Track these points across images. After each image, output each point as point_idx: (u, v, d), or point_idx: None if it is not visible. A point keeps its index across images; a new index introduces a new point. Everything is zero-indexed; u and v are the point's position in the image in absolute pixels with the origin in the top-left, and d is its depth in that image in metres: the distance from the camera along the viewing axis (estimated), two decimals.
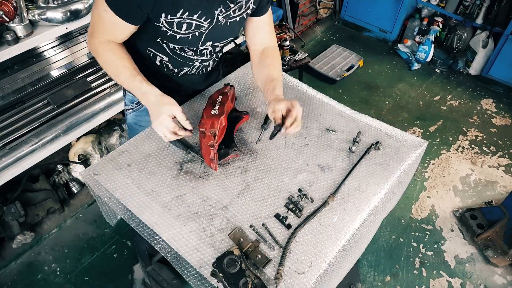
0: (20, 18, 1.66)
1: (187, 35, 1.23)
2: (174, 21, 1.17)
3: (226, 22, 1.27)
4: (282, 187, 1.28)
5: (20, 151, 1.94)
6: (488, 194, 2.75)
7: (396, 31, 4.16)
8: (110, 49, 1.23)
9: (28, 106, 2.08)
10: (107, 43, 1.23)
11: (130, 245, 2.37)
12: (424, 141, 1.44)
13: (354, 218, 1.20)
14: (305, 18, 4.16)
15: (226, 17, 1.25)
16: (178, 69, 1.43)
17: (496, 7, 3.40)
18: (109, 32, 1.21)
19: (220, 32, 1.30)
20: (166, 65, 1.40)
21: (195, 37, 1.26)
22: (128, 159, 1.34)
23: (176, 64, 1.40)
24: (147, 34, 1.26)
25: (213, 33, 1.28)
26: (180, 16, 1.16)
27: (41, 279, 2.21)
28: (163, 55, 1.35)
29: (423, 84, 3.76)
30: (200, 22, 1.20)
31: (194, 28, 1.21)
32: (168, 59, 1.37)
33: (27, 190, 2.31)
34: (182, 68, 1.43)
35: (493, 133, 3.24)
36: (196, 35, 1.25)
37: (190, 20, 1.18)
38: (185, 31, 1.21)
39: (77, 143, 2.49)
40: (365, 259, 2.34)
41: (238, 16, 1.29)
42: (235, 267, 1.03)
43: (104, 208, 1.33)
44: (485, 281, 2.27)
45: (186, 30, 1.21)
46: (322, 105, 1.60)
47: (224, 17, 1.24)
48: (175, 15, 1.15)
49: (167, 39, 1.25)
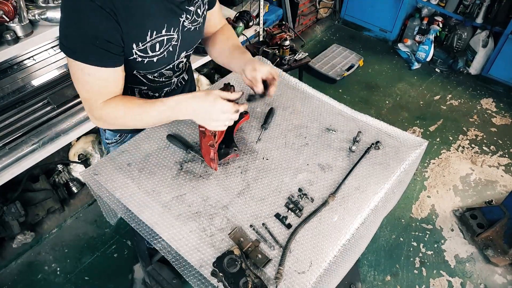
0: (20, 18, 1.65)
1: (163, 54, 1.19)
2: (146, 46, 1.12)
3: (195, 28, 1.25)
4: (282, 187, 1.28)
5: (20, 150, 1.94)
6: (488, 193, 2.75)
7: (396, 31, 4.16)
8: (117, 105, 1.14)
9: (28, 106, 2.09)
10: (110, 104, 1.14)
11: (130, 245, 2.37)
12: (424, 140, 1.44)
13: (354, 217, 1.20)
14: (305, 17, 4.16)
15: (193, 22, 1.23)
16: (159, 93, 1.39)
17: (496, 6, 3.40)
18: (104, 91, 1.12)
19: (190, 39, 1.27)
20: (146, 94, 1.36)
21: (170, 53, 1.22)
22: (128, 159, 1.34)
23: (156, 88, 1.36)
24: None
25: (185, 42, 1.25)
26: (150, 39, 1.11)
27: (41, 279, 2.21)
28: (141, 85, 1.31)
29: (423, 84, 3.76)
30: (170, 35, 1.17)
31: (166, 44, 1.17)
32: (147, 87, 1.33)
33: (27, 190, 2.32)
34: (162, 90, 1.39)
35: (493, 133, 3.24)
36: (170, 50, 1.21)
37: (160, 38, 1.14)
38: (160, 51, 1.17)
39: (77, 143, 2.49)
40: (365, 258, 2.34)
41: (201, 17, 1.27)
42: (235, 266, 1.03)
43: (105, 208, 1.33)
44: (485, 281, 2.27)
45: (160, 49, 1.17)
46: (322, 104, 1.60)
47: (190, 23, 1.22)
48: (145, 40, 1.10)
49: (145, 68, 1.19)
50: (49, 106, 2.11)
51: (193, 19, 1.22)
